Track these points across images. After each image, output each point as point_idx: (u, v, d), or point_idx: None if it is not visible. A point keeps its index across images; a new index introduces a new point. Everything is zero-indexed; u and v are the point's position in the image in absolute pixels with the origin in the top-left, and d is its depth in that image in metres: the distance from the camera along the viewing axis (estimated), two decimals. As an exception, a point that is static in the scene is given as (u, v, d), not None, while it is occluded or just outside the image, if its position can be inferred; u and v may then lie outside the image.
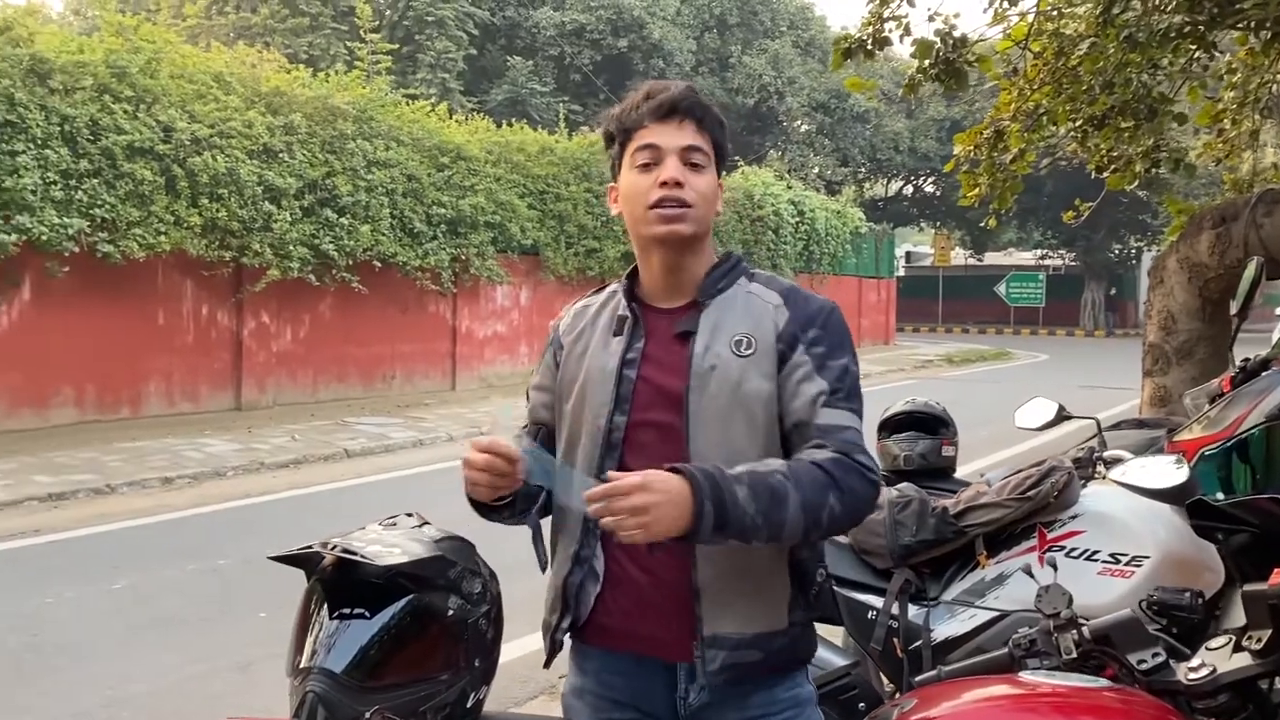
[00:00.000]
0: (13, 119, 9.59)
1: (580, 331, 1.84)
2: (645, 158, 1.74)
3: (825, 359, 1.72)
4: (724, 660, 1.68)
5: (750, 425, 1.70)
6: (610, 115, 1.83)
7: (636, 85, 1.86)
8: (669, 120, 1.74)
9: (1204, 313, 5.50)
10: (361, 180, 12.90)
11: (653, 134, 1.74)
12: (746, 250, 20.85)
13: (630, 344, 1.76)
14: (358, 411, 12.80)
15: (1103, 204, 7.66)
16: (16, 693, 4.40)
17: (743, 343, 1.73)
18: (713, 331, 1.74)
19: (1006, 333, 34.42)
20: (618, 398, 1.73)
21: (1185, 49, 5.52)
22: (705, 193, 1.75)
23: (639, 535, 1.46)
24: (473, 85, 25.85)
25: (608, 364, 1.76)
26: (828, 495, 1.58)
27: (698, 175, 1.74)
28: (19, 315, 10.47)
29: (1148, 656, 1.83)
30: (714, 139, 1.78)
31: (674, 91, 1.76)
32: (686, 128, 1.74)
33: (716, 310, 1.76)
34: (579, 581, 1.74)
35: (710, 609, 1.68)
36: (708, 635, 1.68)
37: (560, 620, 1.76)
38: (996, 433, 9.12)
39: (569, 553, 1.75)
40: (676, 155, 1.73)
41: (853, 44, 5.30)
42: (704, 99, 1.80)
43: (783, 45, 30.92)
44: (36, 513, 7.70)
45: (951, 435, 3.70)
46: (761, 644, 1.71)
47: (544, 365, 1.90)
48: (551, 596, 1.78)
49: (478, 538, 1.82)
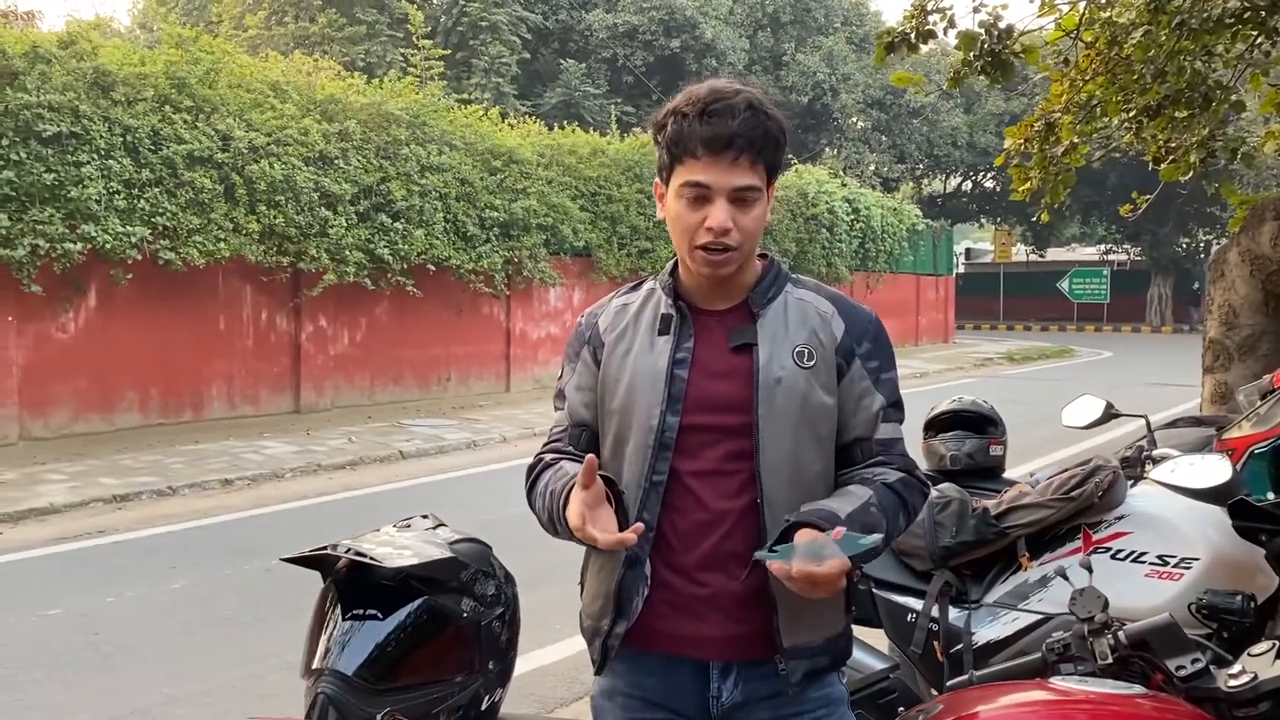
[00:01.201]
0: (77, 130, 9.86)
1: (623, 330, 1.81)
2: (693, 193, 1.67)
3: (879, 373, 1.77)
4: (805, 669, 1.73)
5: (815, 439, 1.72)
6: (663, 116, 1.73)
7: (691, 83, 1.76)
8: (723, 155, 1.64)
9: (1267, 307, 5.34)
10: (415, 185, 13.04)
11: (704, 169, 1.65)
12: (800, 249, 20.71)
13: (679, 344, 1.74)
14: (413, 413, 12.94)
15: (1169, 197, 7.48)
16: (76, 689, 4.51)
17: (805, 354, 1.73)
18: (773, 341, 1.73)
19: (1070, 330, 33.78)
20: (669, 398, 1.72)
21: (1245, 35, 5.35)
22: (753, 229, 1.70)
23: (814, 592, 1.55)
24: (526, 89, 26.02)
25: (657, 364, 1.74)
26: (899, 517, 1.70)
27: (746, 213, 1.68)
28: (85, 322, 10.76)
29: (1186, 663, 1.78)
30: (769, 164, 1.70)
31: (734, 121, 1.64)
32: (741, 164, 1.65)
33: (772, 320, 1.75)
34: (633, 585, 1.73)
35: (787, 622, 1.70)
36: (789, 647, 1.71)
37: (613, 626, 1.74)
38: (1055, 432, 8.93)
39: (620, 555, 1.72)
40: (726, 197, 1.66)
41: (895, 38, 5.22)
42: (764, 115, 1.68)
43: (836, 42, 30.67)
44: (101, 514, 7.90)
45: (1000, 434, 3.63)
46: (830, 648, 1.77)
47: (581, 364, 1.86)
48: (600, 602, 1.76)
49: (512, 542, 1.82)
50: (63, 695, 4.44)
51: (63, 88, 9.83)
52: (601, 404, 1.80)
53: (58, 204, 9.74)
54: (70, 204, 9.77)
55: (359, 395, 13.52)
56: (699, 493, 1.70)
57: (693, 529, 1.72)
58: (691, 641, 1.73)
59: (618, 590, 1.73)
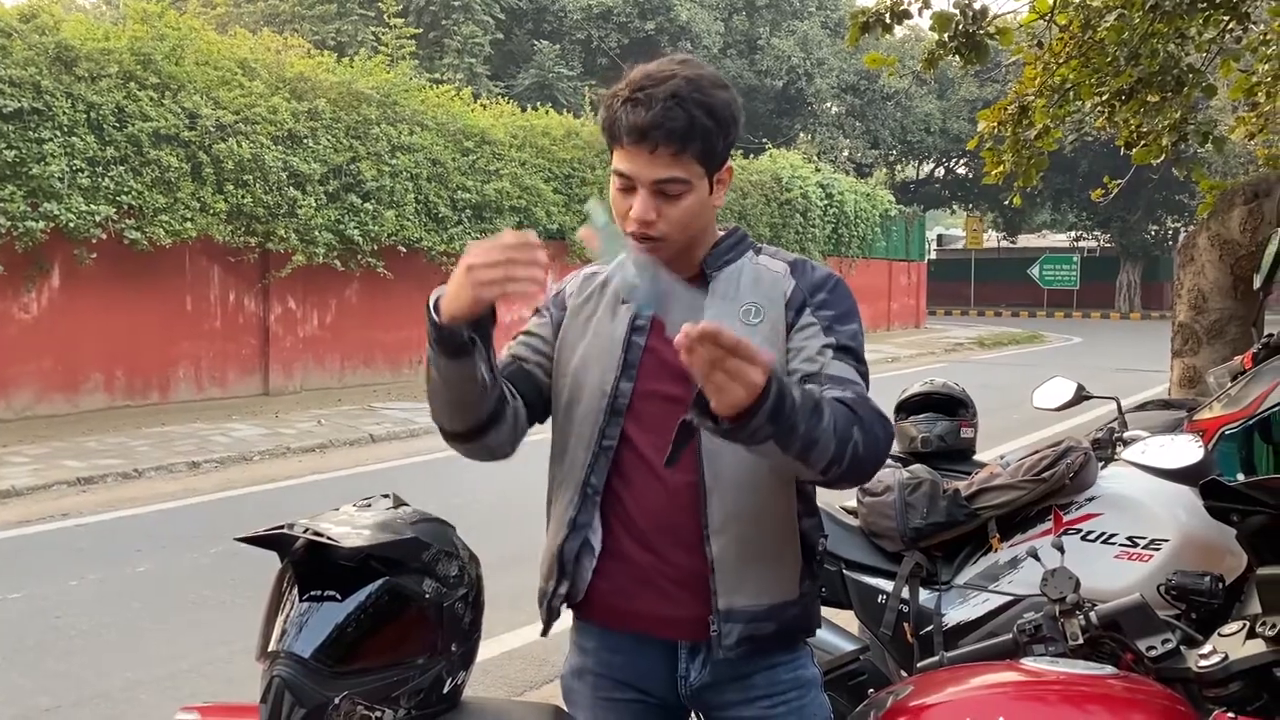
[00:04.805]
0: (39, 106, 9.68)
1: (588, 296, 1.79)
2: (620, 182, 1.63)
3: (834, 322, 1.67)
4: (740, 633, 1.66)
5: None
6: (603, 99, 1.69)
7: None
8: (642, 145, 1.57)
9: (1235, 291, 5.37)
10: (386, 165, 12.91)
11: (627, 159, 1.60)
12: (774, 234, 20.71)
13: (639, 311, 1.71)
14: (384, 397, 12.84)
15: (1139, 185, 7.52)
16: (37, 673, 4.43)
17: (751, 311, 1.69)
18: (721, 302, 1.69)
19: (1040, 316, 34.02)
20: (624, 364, 1.69)
21: (1217, 20, 5.37)
22: (682, 220, 1.63)
23: (717, 397, 1.32)
24: (500, 70, 25.83)
25: (616, 330, 1.72)
26: (853, 429, 1.48)
27: (674, 204, 1.61)
28: (49, 302, 10.59)
29: (1157, 643, 1.77)
30: (701, 150, 1.60)
31: (649, 112, 1.55)
32: (661, 156, 1.57)
33: (724, 282, 1.72)
34: (575, 550, 1.70)
35: (725, 582, 1.65)
36: (723, 609, 1.65)
37: (556, 587, 1.72)
38: (1025, 416, 8.99)
39: (565, 517, 1.71)
40: (648, 188, 1.60)
41: (870, 18, 5.19)
42: (689, 104, 1.57)
43: (811, 26, 30.63)
44: (65, 497, 7.78)
45: (970, 417, 3.63)
46: (775, 615, 1.69)
47: (538, 320, 1.82)
48: (546, 564, 1.74)
49: (481, 525, 1.78)
50: (23, 679, 4.37)
51: (24, 63, 9.64)
52: (556, 366, 1.77)
53: (19, 182, 9.57)
54: (32, 182, 9.60)
55: (329, 378, 13.41)
56: (652, 460, 1.67)
57: (649, 499, 1.68)
58: (657, 620, 1.71)
59: (559, 552, 1.71)
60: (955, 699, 1.62)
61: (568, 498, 1.73)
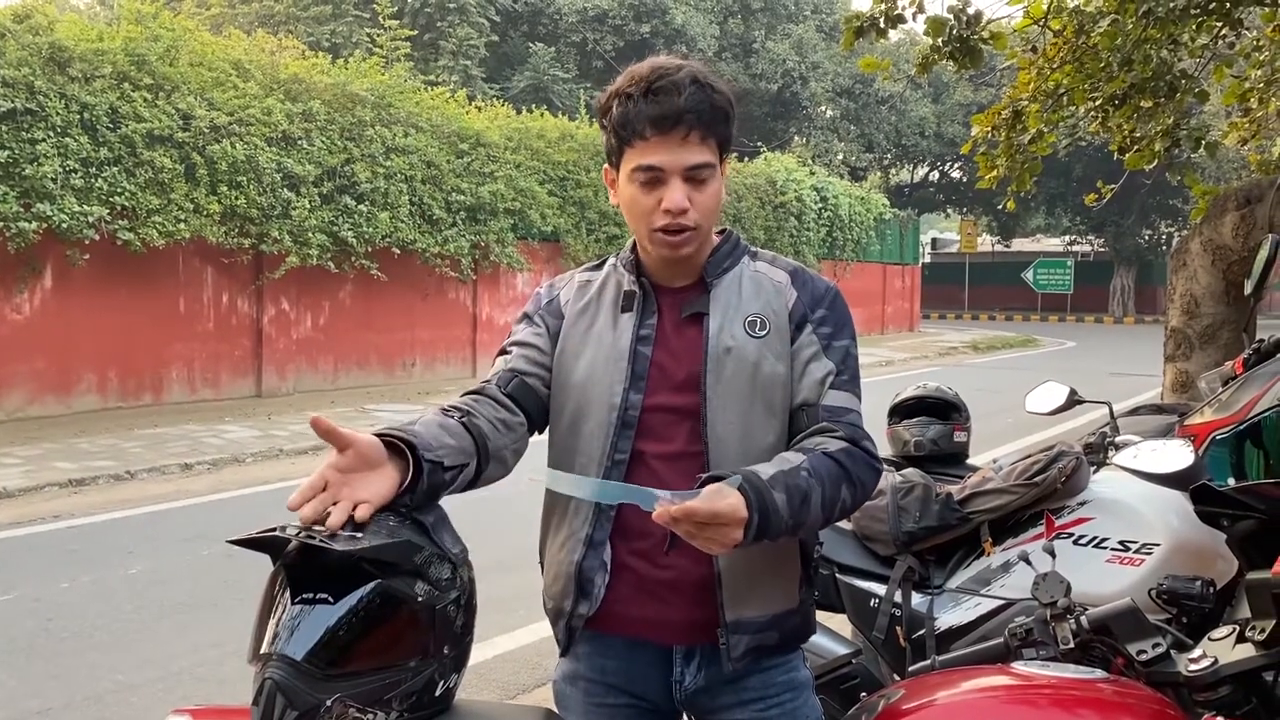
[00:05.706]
0: (32, 107, 9.65)
1: (585, 305, 1.77)
2: (646, 176, 1.62)
3: (831, 339, 1.71)
4: (747, 644, 1.68)
5: (768, 410, 1.68)
6: (607, 99, 1.68)
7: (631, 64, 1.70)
8: (672, 134, 1.59)
9: (1228, 296, 5.38)
10: (380, 167, 12.90)
11: (655, 151, 1.60)
12: (769, 237, 20.74)
13: (642, 320, 1.71)
14: (378, 398, 12.84)
15: (1132, 190, 7.54)
16: (29, 677, 4.42)
17: (757, 323, 1.69)
18: (725, 312, 1.70)
19: (1034, 319, 34.10)
20: (632, 375, 1.68)
21: (1210, 26, 5.39)
22: (710, 206, 1.66)
23: (707, 548, 1.48)
24: (495, 72, 25.83)
25: (620, 341, 1.70)
26: (841, 489, 1.58)
27: (702, 190, 1.63)
28: (42, 303, 10.56)
29: (1148, 647, 1.78)
30: (720, 139, 1.65)
31: (679, 98, 1.58)
32: (692, 141, 1.60)
33: (726, 290, 1.72)
34: (594, 567, 1.69)
35: (732, 595, 1.66)
36: (730, 621, 1.66)
37: (575, 607, 1.71)
38: (1018, 420, 9.01)
39: (580, 535, 1.70)
40: (680, 176, 1.61)
41: (864, 22, 5.20)
42: (710, 89, 1.62)
43: (806, 30, 30.68)
44: (57, 498, 7.77)
45: (964, 420, 3.62)
46: (779, 624, 1.71)
47: (536, 326, 1.79)
48: (561, 583, 1.72)
49: (474, 527, 1.78)
50: (15, 681, 4.36)
51: (17, 63, 9.62)
52: (557, 379, 1.75)
53: (12, 182, 9.54)
54: (25, 182, 9.57)
55: (322, 380, 13.39)
56: (663, 475, 1.66)
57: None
58: (654, 625, 1.70)
59: (578, 572, 1.70)
60: (946, 703, 1.63)
61: (582, 514, 1.71)
